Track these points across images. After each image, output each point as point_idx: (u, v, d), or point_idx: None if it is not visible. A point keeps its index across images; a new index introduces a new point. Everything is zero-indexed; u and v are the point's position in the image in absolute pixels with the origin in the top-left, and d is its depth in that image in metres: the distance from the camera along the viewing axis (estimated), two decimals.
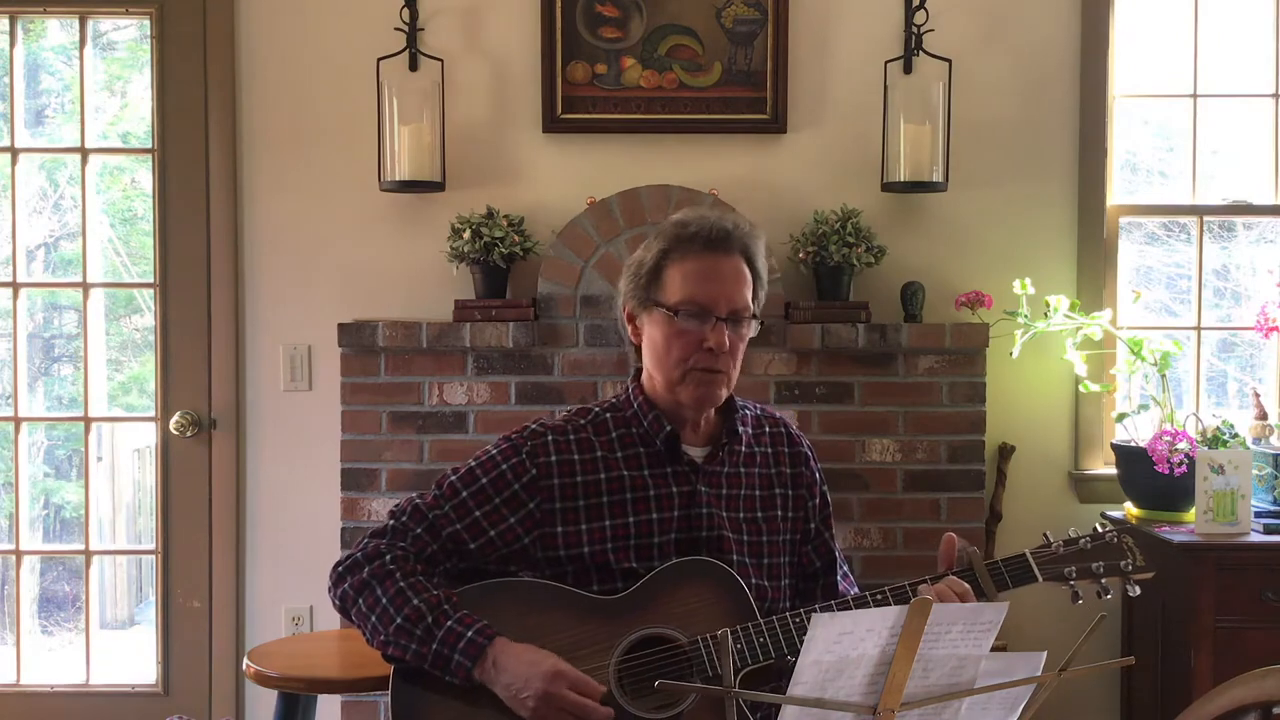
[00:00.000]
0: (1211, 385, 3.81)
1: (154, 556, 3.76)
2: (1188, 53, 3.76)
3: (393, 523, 2.00)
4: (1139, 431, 3.43)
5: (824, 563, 2.13)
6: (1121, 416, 3.48)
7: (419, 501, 2.00)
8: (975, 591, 1.91)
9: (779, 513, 2.07)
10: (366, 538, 2.00)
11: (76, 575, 3.84)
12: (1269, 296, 3.55)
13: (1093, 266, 3.68)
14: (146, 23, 3.71)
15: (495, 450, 2.02)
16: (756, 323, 2.03)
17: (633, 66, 3.62)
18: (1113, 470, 3.56)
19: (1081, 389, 3.60)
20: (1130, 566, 1.94)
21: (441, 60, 3.59)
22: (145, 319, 3.80)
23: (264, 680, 2.70)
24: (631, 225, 3.50)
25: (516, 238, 3.47)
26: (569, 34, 3.60)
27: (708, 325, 1.95)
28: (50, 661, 3.82)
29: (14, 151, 3.73)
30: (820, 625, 1.39)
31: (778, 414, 2.18)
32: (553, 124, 3.62)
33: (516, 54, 3.64)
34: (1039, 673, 1.51)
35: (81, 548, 3.79)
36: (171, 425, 3.68)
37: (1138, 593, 1.95)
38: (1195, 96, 3.77)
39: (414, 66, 3.60)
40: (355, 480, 3.48)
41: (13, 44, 3.73)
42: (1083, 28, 3.66)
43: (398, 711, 1.93)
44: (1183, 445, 3.24)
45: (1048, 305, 3.47)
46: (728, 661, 1.46)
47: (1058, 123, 3.68)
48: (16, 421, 3.76)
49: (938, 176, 3.53)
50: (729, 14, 3.61)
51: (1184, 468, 3.23)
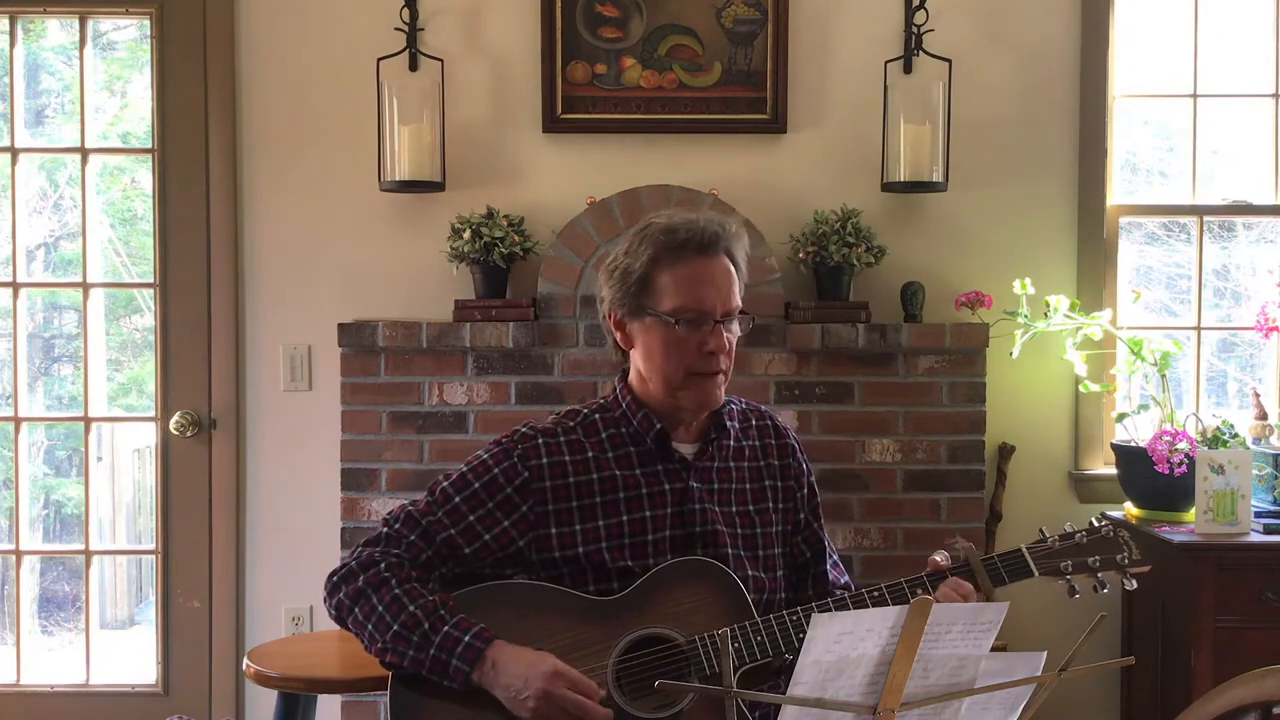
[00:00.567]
0: (1211, 385, 3.81)
1: (154, 556, 3.76)
2: (1188, 53, 3.76)
3: (386, 530, 1.99)
4: (1139, 431, 3.43)
5: (813, 552, 2.14)
6: (1121, 416, 3.48)
7: (411, 508, 2.00)
8: (972, 581, 1.91)
9: (770, 504, 2.08)
10: (360, 546, 1.99)
11: (76, 575, 3.84)
12: (1269, 296, 3.55)
13: (1093, 266, 3.68)
14: (146, 23, 3.71)
15: (487, 454, 2.02)
16: (747, 320, 2.03)
17: (633, 66, 3.62)
18: (1113, 470, 3.56)
19: (1081, 389, 3.60)
20: (1126, 560, 1.95)
21: (441, 60, 3.59)
22: (145, 319, 3.80)
23: (264, 680, 2.71)
24: (631, 225, 3.47)
25: (516, 238, 3.47)
26: (569, 34, 3.60)
27: (706, 329, 1.96)
28: (50, 661, 3.82)
29: (14, 151, 3.73)
30: (820, 625, 1.39)
31: (762, 407, 2.19)
32: (553, 124, 3.62)
33: (516, 54, 3.64)
34: (1039, 673, 1.52)
35: (81, 548, 3.79)
36: (171, 425, 3.68)
37: (1134, 586, 1.95)
38: (1195, 96, 3.77)
39: (414, 66, 3.60)
40: (355, 480, 3.48)
41: (13, 44, 3.73)
42: (1083, 28, 3.66)
43: (396, 713, 1.93)
44: (1183, 445, 3.24)
45: (1048, 305, 3.47)
46: (727, 662, 1.46)
47: (1058, 123, 3.68)
48: (16, 421, 3.76)
49: (938, 176, 3.53)
50: (729, 14, 3.61)
51: (1184, 468, 3.23)
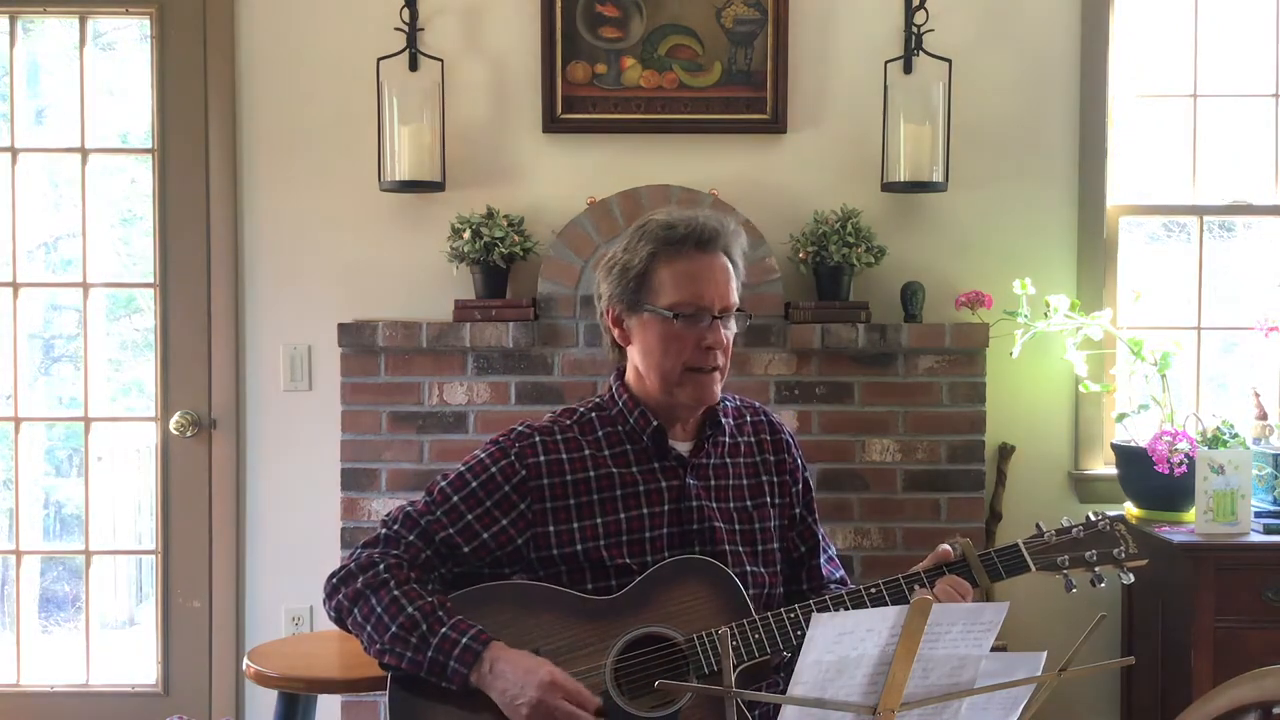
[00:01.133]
0: (1212, 385, 3.81)
1: (154, 556, 3.75)
2: (1188, 53, 3.76)
3: (385, 531, 1.99)
4: (1139, 431, 3.43)
5: (808, 547, 2.15)
6: (1121, 416, 3.48)
7: (410, 509, 2.00)
8: (969, 582, 1.92)
9: (767, 500, 2.09)
10: (359, 547, 1.99)
11: (76, 575, 3.84)
12: (1269, 296, 3.55)
13: (1093, 266, 3.68)
14: (146, 23, 3.71)
15: (484, 454, 2.03)
16: (744, 317, 2.05)
17: (633, 66, 3.62)
18: (1113, 470, 3.56)
19: (1081, 389, 3.60)
20: (1123, 554, 1.95)
21: (441, 60, 3.59)
22: (145, 319, 3.80)
23: (264, 680, 2.70)
24: (631, 225, 3.49)
25: (516, 238, 3.47)
26: (569, 34, 3.60)
27: (704, 325, 1.97)
28: (50, 661, 3.81)
29: (14, 151, 3.73)
30: (820, 625, 1.39)
31: (756, 403, 2.20)
32: (553, 124, 3.62)
33: (516, 54, 3.64)
34: (1039, 673, 1.51)
35: (82, 548, 3.79)
36: (171, 425, 3.68)
37: (1131, 580, 1.95)
38: (1195, 96, 3.77)
39: (414, 66, 3.60)
40: (355, 480, 3.48)
41: (13, 44, 3.73)
42: (1083, 28, 3.66)
43: (396, 713, 1.93)
44: (1183, 445, 3.24)
45: (1048, 305, 3.47)
46: (727, 662, 1.45)
47: (1058, 123, 3.68)
48: (16, 421, 3.76)
49: (938, 176, 3.52)
50: (729, 14, 3.61)
51: (1184, 468, 3.23)
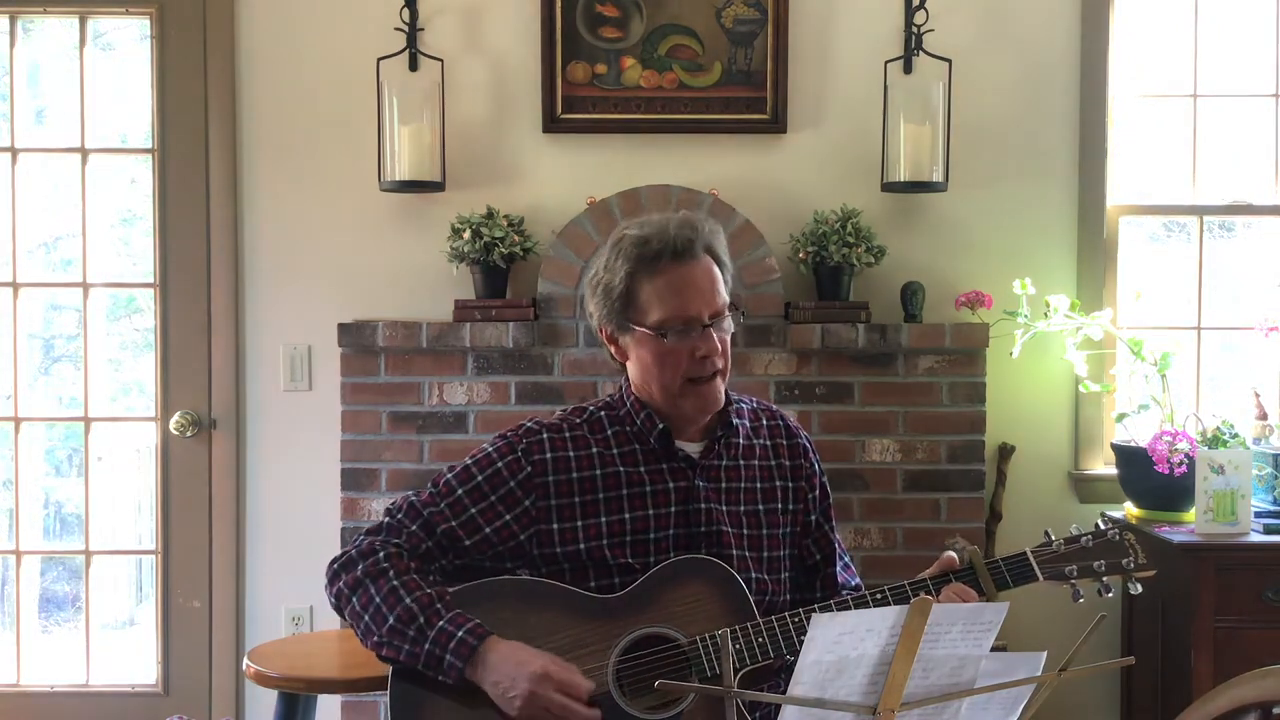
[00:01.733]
0: (1212, 385, 3.81)
1: (154, 556, 3.76)
2: (1188, 53, 3.76)
3: (388, 520, 1.99)
4: (1139, 431, 3.42)
5: (823, 555, 2.13)
6: (1121, 416, 3.48)
7: (414, 499, 2.00)
8: (976, 590, 1.90)
9: (779, 505, 2.07)
10: (361, 534, 2.00)
11: (76, 575, 3.84)
12: (1269, 296, 3.55)
13: (1093, 266, 3.68)
14: (146, 23, 3.71)
15: (491, 448, 2.02)
16: (738, 313, 2.02)
17: (633, 66, 3.62)
18: (1113, 470, 3.56)
19: (1081, 389, 3.60)
20: (1132, 565, 1.93)
21: (441, 60, 3.59)
22: (145, 319, 3.80)
23: (264, 680, 2.70)
24: None
25: (516, 238, 3.47)
26: (569, 34, 3.60)
27: (695, 335, 1.94)
28: (50, 661, 3.81)
29: (14, 151, 3.73)
30: (820, 625, 1.39)
31: (774, 406, 2.18)
32: (553, 124, 3.62)
33: (516, 54, 3.64)
34: (1039, 673, 1.51)
35: (82, 548, 3.79)
36: (171, 425, 3.68)
37: (1139, 590, 1.94)
38: (1195, 96, 3.77)
39: (414, 66, 3.60)
40: (355, 480, 3.48)
41: (13, 44, 3.73)
42: (1083, 28, 3.66)
43: (396, 712, 1.93)
44: (1183, 445, 3.24)
45: (1048, 305, 3.47)
46: (727, 663, 1.46)
47: (1058, 123, 3.68)
48: (16, 421, 3.76)
49: (938, 176, 3.52)
50: (729, 14, 3.61)
51: (1184, 468, 3.23)
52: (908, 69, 3.61)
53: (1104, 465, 3.69)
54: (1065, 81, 3.68)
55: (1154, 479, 3.30)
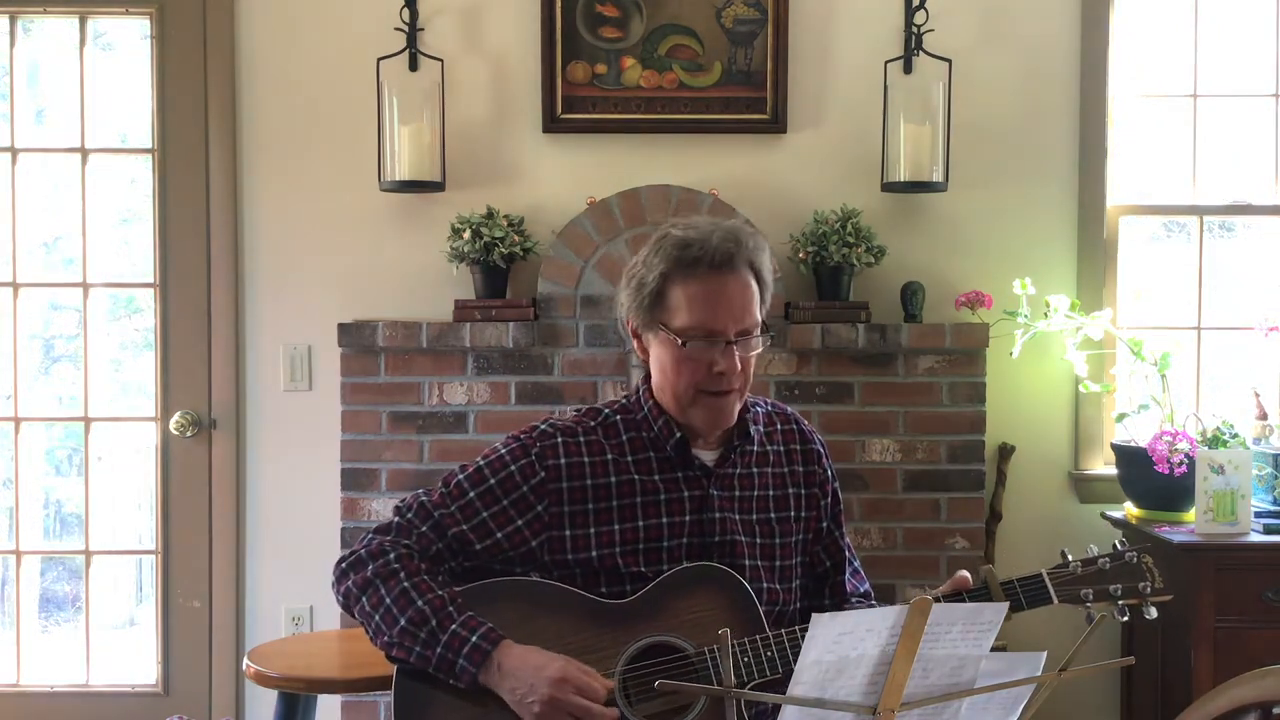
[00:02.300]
0: (1212, 385, 3.81)
1: (154, 556, 3.75)
2: (1188, 53, 3.76)
3: (398, 519, 1.98)
4: (1139, 431, 3.42)
5: (833, 562, 2.11)
6: (1121, 416, 3.48)
7: (425, 499, 1.98)
8: None
9: (792, 513, 2.05)
10: (371, 533, 1.98)
11: (76, 575, 3.84)
12: (1269, 296, 3.55)
13: (1093, 266, 3.68)
14: (146, 23, 3.71)
15: (504, 450, 1.99)
16: (767, 336, 1.97)
17: (633, 66, 3.62)
18: (1113, 470, 3.56)
19: (1081, 389, 3.60)
20: (1149, 589, 1.89)
21: (441, 60, 3.59)
22: (145, 319, 3.80)
23: (264, 680, 2.70)
24: (631, 225, 3.50)
25: (516, 238, 3.47)
26: (569, 34, 3.60)
27: (716, 349, 1.90)
28: (50, 661, 3.81)
29: (14, 151, 3.73)
30: (820, 625, 1.39)
31: (788, 410, 2.15)
32: (553, 124, 3.62)
33: (516, 54, 3.64)
34: (1039, 673, 1.51)
35: (82, 548, 3.79)
36: (171, 425, 3.68)
37: (1154, 615, 1.89)
38: (1195, 96, 3.77)
39: (414, 66, 3.60)
40: (355, 480, 3.48)
41: (13, 44, 3.73)
42: (1083, 28, 3.66)
43: (400, 710, 1.92)
44: (1183, 445, 3.24)
45: (1048, 305, 3.47)
46: (727, 662, 1.46)
47: (1058, 123, 3.68)
48: (16, 421, 3.76)
49: (938, 176, 3.53)
50: (729, 14, 3.61)
51: (1184, 468, 3.23)
52: (908, 69, 3.61)
53: (1104, 465, 3.69)
54: (1065, 81, 3.68)
55: (1154, 479, 3.30)
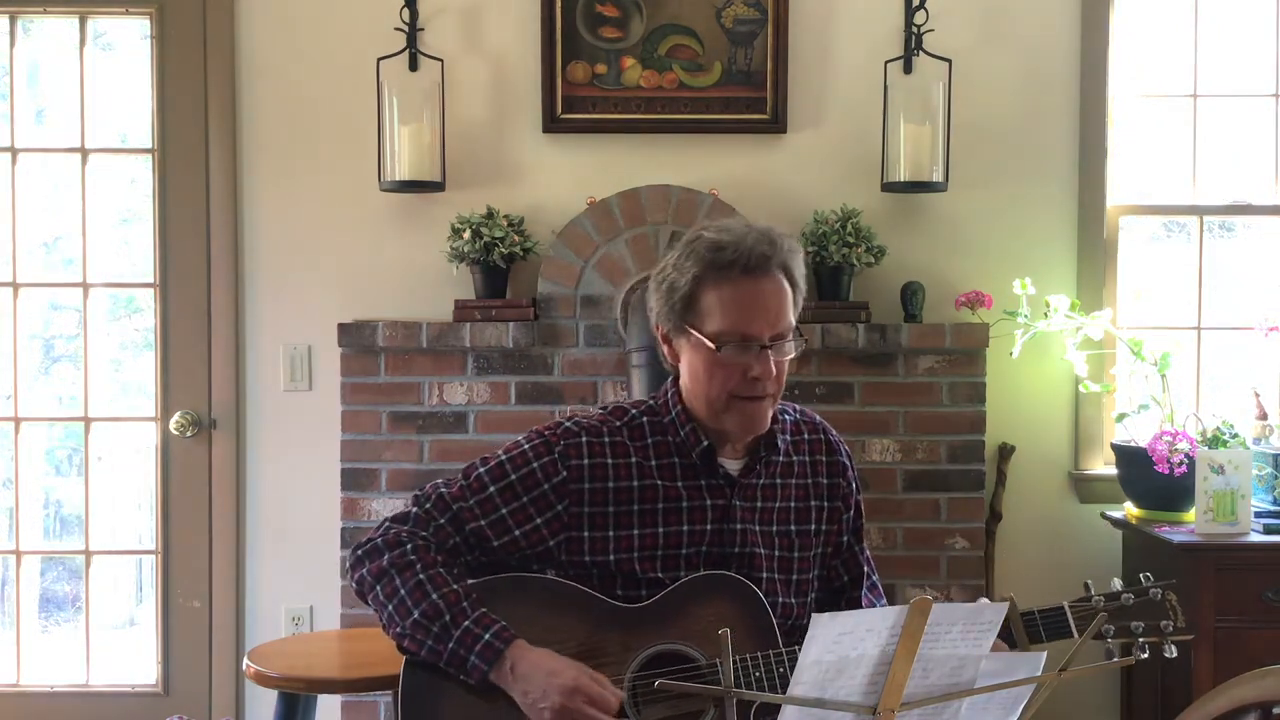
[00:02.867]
0: (1212, 385, 3.81)
1: (154, 556, 3.75)
2: (1188, 53, 3.76)
3: (416, 509, 1.95)
4: (1139, 431, 3.42)
5: (851, 577, 2.08)
6: (1121, 417, 3.48)
7: (445, 490, 1.95)
8: (1008, 641, 1.83)
9: (812, 526, 2.02)
10: (388, 521, 1.96)
11: (76, 575, 3.84)
12: (1269, 296, 3.55)
13: (1093, 266, 3.68)
14: (146, 23, 3.71)
15: (527, 445, 1.95)
16: (800, 340, 1.91)
17: (633, 66, 3.62)
18: (1113, 470, 3.56)
19: (1081, 389, 3.60)
20: (1171, 628, 1.86)
21: (441, 60, 3.59)
22: (145, 319, 3.80)
23: (264, 680, 2.70)
24: (631, 225, 3.50)
25: (516, 238, 3.47)
26: (569, 34, 3.60)
27: (750, 354, 1.86)
28: (50, 661, 3.81)
29: (14, 151, 3.74)
30: (820, 625, 1.39)
31: (817, 418, 2.10)
32: (553, 124, 3.62)
33: (516, 54, 3.64)
34: (1039, 673, 1.51)
35: (82, 548, 3.79)
36: (171, 425, 3.68)
37: (1174, 654, 1.85)
38: (1195, 96, 3.77)
39: (414, 66, 3.60)
40: (355, 480, 3.48)
41: (13, 44, 3.73)
42: (1083, 28, 3.66)
43: (407, 700, 1.90)
44: (1183, 445, 3.24)
45: (1048, 305, 3.47)
46: (727, 661, 1.46)
47: (1058, 123, 3.68)
48: (16, 421, 3.76)
49: (938, 176, 3.52)
50: (729, 14, 3.61)
51: (1184, 468, 3.23)
52: (908, 69, 3.61)
53: (1104, 465, 3.69)
54: (1065, 81, 3.68)
55: (1154, 479, 3.30)
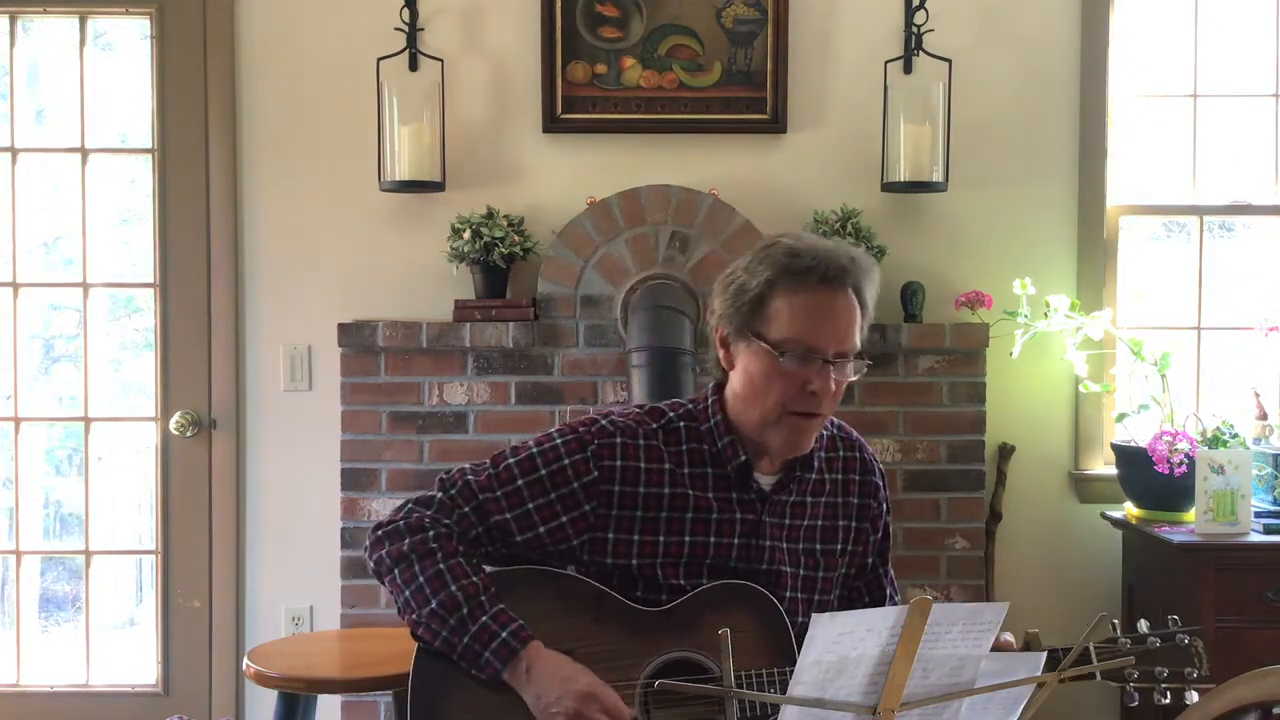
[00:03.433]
0: (1212, 385, 3.81)
1: (154, 556, 3.75)
2: (1188, 53, 3.76)
3: (440, 495, 1.92)
4: (1139, 431, 3.42)
5: (873, 598, 2.06)
6: (1121, 416, 3.48)
7: (471, 477, 1.92)
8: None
9: (838, 546, 1.99)
10: (411, 503, 1.93)
11: (76, 575, 3.84)
12: (1269, 296, 3.54)
13: (1093, 266, 3.68)
14: (146, 23, 3.71)
15: (560, 440, 1.92)
16: (863, 364, 1.86)
17: (633, 66, 3.62)
18: (1113, 470, 3.56)
19: (1081, 389, 3.60)
20: (1195, 675, 1.83)
21: (441, 60, 3.59)
22: (145, 319, 3.80)
23: (264, 680, 2.70)
24: (631, 225, 3.50)
25: (516, 238, 3.47)
26: (569, 34, 3.60)
27: (813, 367, 1.81)
28: (50, 661, 3.81)
29: (14, 151, 3.73)
30: (820, 625, 1.39)
31: (854, 434, 2.06)
32: (553, 124, 3.62)
33: (516, 54, 3.64)
34: (1039, 673, 1.51)
35: (82, 547, 3.79)
36: (171, 425, 3.68)
37: (1195, 700, 1.83)
38: (1195, 96, 3.77)
39: (414, 66, 3.60)
40: (355, 480, 3.48)
41: (13, 44, 3.73)
42: (1083, 28, 3.66)
43: (416, 688, 1.88)
44: (1183, 445, 3.24)
45: (1048, 305, 3.47)
46: (727, 661, 1.46)
47: (1058, 123, 3.68)
48: (16, 421, 3.76)
49: (938, 176, 3.52)
50: (729, 14, 3.61)
51: (1184, 468, 3.23)
52: (908, 69, 3.61)
53: (1104, 465, 3.68)
54: (1065, 81, 3.67)
55: (1154, 479, 3.30)
